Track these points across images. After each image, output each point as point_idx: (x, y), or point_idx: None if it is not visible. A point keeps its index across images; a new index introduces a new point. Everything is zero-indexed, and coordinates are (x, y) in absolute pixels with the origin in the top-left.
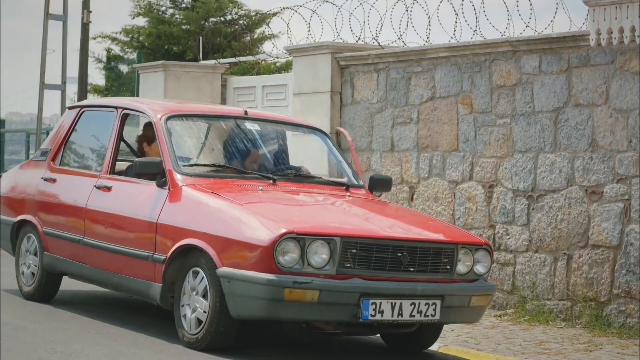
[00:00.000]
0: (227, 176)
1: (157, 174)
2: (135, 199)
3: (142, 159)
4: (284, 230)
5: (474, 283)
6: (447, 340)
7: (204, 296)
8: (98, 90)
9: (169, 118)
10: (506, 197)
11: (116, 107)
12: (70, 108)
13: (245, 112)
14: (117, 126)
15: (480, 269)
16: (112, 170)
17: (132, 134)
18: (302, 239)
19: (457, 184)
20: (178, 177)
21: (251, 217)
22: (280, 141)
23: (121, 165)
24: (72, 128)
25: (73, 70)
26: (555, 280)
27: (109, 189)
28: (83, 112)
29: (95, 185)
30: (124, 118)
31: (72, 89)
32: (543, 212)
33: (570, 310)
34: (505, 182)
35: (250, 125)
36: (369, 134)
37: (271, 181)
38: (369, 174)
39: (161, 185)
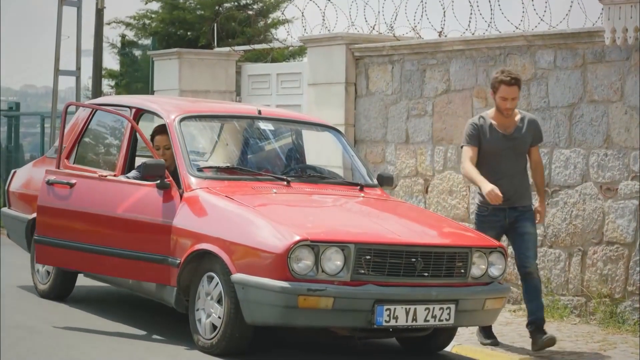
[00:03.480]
0: (241, 178)
1: (161, 176)
2: (150, 201)
3: (149, 160)
4: (298, 238)
5: (488, 286)
6: (462, 338)
7: (219, 301)
8: (113, 75)
9: (182, 119)
10: None
11: (130, 107)
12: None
13: (259, 112)
14: (130, 126)
15: (494, 271)
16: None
17: (146, 132)
18: (316, 246)
19: None
20: (192, 180)
21: (265, 222)
22: (295, 140)
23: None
24: (86, 126)
25: (88, 53)
26: (570, 276)
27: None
28: (97, 110)
29: None
30: (138, 117)
31: (87, 65)
32: (558, 208)
33: (584, 306)
34: None
35: (264, 125)
36: (383, 126)
37: (285, 182)
38: (384, 166)
39: (161, 187)
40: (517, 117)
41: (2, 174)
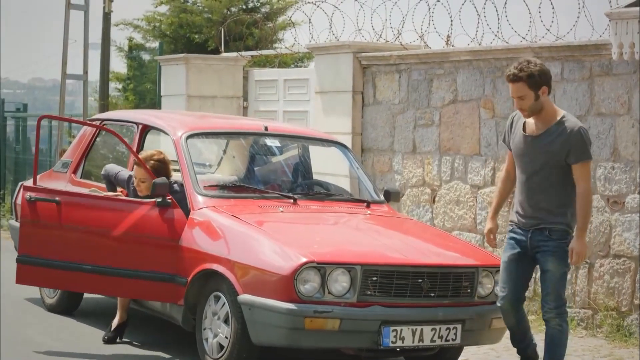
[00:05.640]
0: (247, 196)
1: (164, 195)
2: (154, 219)
3: (157, 180)
4: (304, 260)
5: (495, 305)
6: (468, 352)
7: (226, 321)
8: (120, 79)
9: (189, 136)
10: None
11: (136, 123)
12: (91, 121)
13: (266, 128)
14: (137, 142)
15: None
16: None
17: (152, 147)
18: (322, 268)
19: (478, 188)
20: (199, 198)
21: (272, 243)
22: (302, 155)
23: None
24: (93, 141)
25: (96, 46)
26: (577, 288)
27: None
28: (104, 125)
29: None
30: (144, 133)
31: (95, 61)
32: None
33: (591, 319)
34: None
35: (270, 142)
36: (390, 135)
37: (292, 200)
38: (391, 175)
39: (162, 205)
40: (556, 120)
41: (11, 174)
